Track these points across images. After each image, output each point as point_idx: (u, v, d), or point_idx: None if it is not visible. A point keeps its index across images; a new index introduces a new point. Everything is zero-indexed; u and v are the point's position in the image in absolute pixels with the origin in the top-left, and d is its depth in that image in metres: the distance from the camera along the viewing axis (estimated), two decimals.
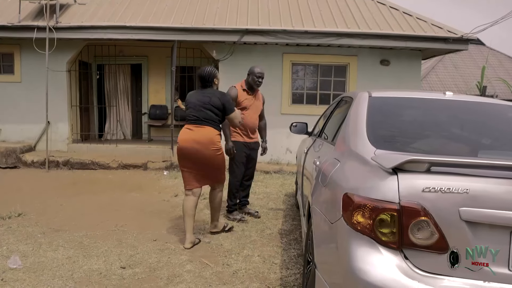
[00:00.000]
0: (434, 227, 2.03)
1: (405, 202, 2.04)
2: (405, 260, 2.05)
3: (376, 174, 2.20)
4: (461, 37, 9.50)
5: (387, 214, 2.07)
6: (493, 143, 2.99)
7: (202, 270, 4.01)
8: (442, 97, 3.45)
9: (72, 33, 9.62)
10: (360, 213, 2.14)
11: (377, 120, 3.05)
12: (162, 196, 6.96)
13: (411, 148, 2.72)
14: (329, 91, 10.40)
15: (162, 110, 12.29)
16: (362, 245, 2.13)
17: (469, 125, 3.22)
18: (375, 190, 2.13)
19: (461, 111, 3.34)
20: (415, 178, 2.08)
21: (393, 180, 2.09)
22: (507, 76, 23.11)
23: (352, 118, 3.13)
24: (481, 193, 2.01)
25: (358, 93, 3.57)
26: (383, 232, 2.09)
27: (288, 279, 3.85)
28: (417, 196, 2.04)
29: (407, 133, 3.04)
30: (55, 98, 9.85)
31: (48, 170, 9.14)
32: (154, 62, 12.31)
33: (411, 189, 2.05)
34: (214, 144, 4.61)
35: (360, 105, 3.24)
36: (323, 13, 10.19)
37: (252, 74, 5.65)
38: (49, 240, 4.72)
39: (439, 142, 2.92)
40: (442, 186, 2.03)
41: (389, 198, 2.07)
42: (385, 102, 3.45)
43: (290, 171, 9.14)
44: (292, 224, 5.53)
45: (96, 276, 3.81)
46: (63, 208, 6.11)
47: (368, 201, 2.12)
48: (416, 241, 2.05)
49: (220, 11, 10.15)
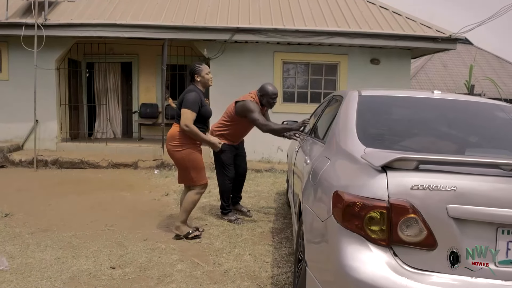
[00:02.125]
0: (423, 224, 2.05)
1: (394, 200, 2.07)
2: (394, 257, 2.08)
3: (366, 172, 2.22)
4: (449, 37, 9.63)
5: (377, 212, 2.09)
6: (480, 141, 3.04)
7: (193, 269, 3.99)
8: (430, 96, 3.51)
9: (61, 31, 9.52)
10: (350, 211, 2.16)
11: (367, 118, 3.07)
12: (153, 195, 6.92)
13: (400, 146, 2.74)
14: (320, 89, 10.43)
15: (152, 108, 12.22)
16: (352, 242, 2.15)
17: (456, 123, 3.25)
18: (365, 188, 2.15)
19: (449, 109, 3.38)
20: (404, 176, 2.10)
21: (382, 178, 2.12)
22: (494, 75, 23.35)
23: (342, 117, 3.15)
24: (468, 190, 2.05)
25: (348, 92, 3.59)
26: (373, 229, 2.11)
27: (279, 277, 3.85)
28: (405, 194, 2.06)
29: (396, 131, 3.07)
30: (44, 97, 9.75)
31: (36, 170, 9.05)
32: (145, 60, 12.24)
33: (400, 187, 2.08)
34: (173, 140, 4.69)
35: (350, 103, 3.27)
36: (313, 12, 10.21)
37: (267, 96, 5.41)
38: (37, 240, 4.67)
39: (427, 140, 2.94)
40: (430, 184, 2.06)
41: (378, 196, 2.09)
42: (374, 100, 3.48)
43: (281, 170, 9.14)
44: (283, 223, 5.52)
45: (85, 277, 3.77)
46: (51, 208, 6.05)
47: (358, 199, 2.14)
48: (405, 238, 2.07)
49: (211, 9, 10.12)
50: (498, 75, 24.38)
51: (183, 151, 4.66)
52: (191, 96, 4.65)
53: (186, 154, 4.67)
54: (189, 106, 4.59)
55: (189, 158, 4.68)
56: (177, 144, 4.66)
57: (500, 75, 24.81)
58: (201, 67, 4.88)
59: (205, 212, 5.92)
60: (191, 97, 4.64)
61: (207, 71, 4.91)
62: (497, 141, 3.05)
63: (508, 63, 26.56)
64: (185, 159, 4.68)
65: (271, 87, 5.46)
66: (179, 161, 4.74)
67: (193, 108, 4.60)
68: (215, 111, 9.68)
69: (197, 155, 4.76)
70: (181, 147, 4.66)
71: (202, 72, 4.85)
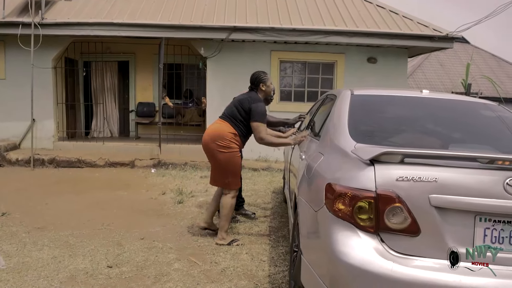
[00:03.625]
0: (407, 212, 2.24)
1: (381, 190, 2.25)
2: (381, 243, 2.27)
3: (356, 165, 2.41)
4: (446, 36, 9.67)
5: (365, 202, 2.27)
6: (463, 137, 3.25)
7: (190, 268, 3.99)
8: (419, 95, 3.75)
9: (58, 30, 9.51)
10: (341, 201, 2.35)
11: (358, 116, 3.23)
12: (150, 194, 6.92)
13: (388, 142, 2.91)
14: (317, 88, 10.44)
15: (149, 107, 12.21)
16: (343, 230, 2.33)
17: (442, 120, 3.43)
18: (355, 180, 2.34)
19: (436, 108, 3.55)
20: (390, 169, 2.29)
21: (370, 171, 2.30)
22: (491, 74, 23.37)
23: (335, 115, 3.33)
24: (448, 181, 2.23)
25: (341, 91, 3.78)
26: (362, 217, 2.29)
27: (276, 276, 3.85)
28: (391, 185, 2.25)
29: (385, 128, 3.24)
30: (41, 95, 9.72)
31: (33, 169, 9.03)
32: (142, 59, 12.23)
33: (386, 179, 2.26)
34: (221, 140, 4.53)
35: (342, 102, 3.44)
36: (310, 11, 10.22)
37: None
38: (34, 239, 4.66)
39: (414, 137, 3.13)
40: (413, 176, 2.24)
41: (366, 187, 2.28)
42: (366, 99, 3.69)
43: (278, 168, 9.13)
44: (280, 221, 5.53)
45: (82, 276, 3.77)
46: (48, 207, 6.05)
47: (348, 189, 2.33)
48: (391, 225, 2.25)
49: (208, 8, 10.11)
50: (495, 74, 24.40)
51: (228, 154, 4.56)
52: (261, 108, 4.61)
53: (230, 157, 4.57)
54: (261, 119, 4.55)
55: (231, 161, 4.59)
56: (224, 145, 4.54)
57: (497, 74, 24.83)
58: (267, 77, 4.84)
59: (202, 211, 5.91)
60: (262, 109, 4.60)
61: (270, 81, 4.89)
62: (480, 137, 3.24)
63: (505, 62, 26.58)
64: (227, 162, 4.58)
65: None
66: (220, 163, 4.62)
67: (263, 120, 4.57)
68: (212, 110, 9.78)
69: (238, 159, 4.69)
70: (228, 149, 4.55)
71: (267, 81, 4.81)
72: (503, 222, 2.24)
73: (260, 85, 4.77)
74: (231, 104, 4.82)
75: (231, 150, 4.56)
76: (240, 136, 4.63)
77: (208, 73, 10.16)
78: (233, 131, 4.58)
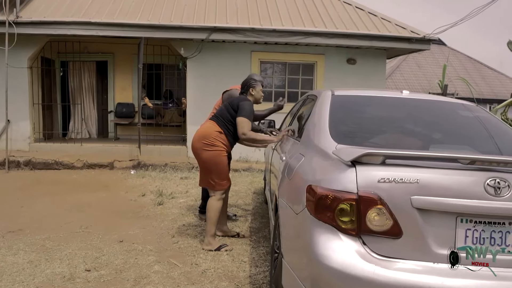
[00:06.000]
0: (389, 214, 2.22)
1: (362, 192, 2.23)
2: (363, 246, 2.24)
3: (337, 167, 2.37)
4: (423, 37, 9.88)
5: (347, 204, 2.24)
6: (443, 138, 3.25)
7: (170, 270, 3.95)
8: (399, 96, 3.72)
9: (34, 29, 9.33)
10: (322, 203, 2.31)
11: (339, 117, 3.21)
12: (129, 196, 6.84)
13: (369, 143, 2.89)
14: (297, 89, 10.49)
15: (128, 108, 12.09)
16: (324, 232, 2.30)
17: (422, 121, 3.43)
18: (336, 181, 2.31)
19: (416, 108, 3.55)
20: (372, 170, 2.27)
21: (352, 172, 2.27)
22: (467, 75, 23.84)
23: (316, 115, 3.29)
24: (430, 182, 2.23)
25: (322, 91, 3.74)
26: (343, 220, 2.26)
27: (257, 277, 3.84)
28: (373, 187, 2.23)
29: (366, 129, 3.24)
30: (16, 96, 9.51)
31: (8, 171, 8.84)
32: (121, 59, 12.10)
33: (368, 180, 2.24)
34: (206, 138, 4.47)
35: (323, 102, 3.42)
36: (291, 12, 10.26)
37: None
38: (9, 244, 4.55)
39: (395, 137, 3.10)
40: (395, 177, 2.22)
41: (348, 189, 2.25)
42: (346, 100, 3.65)
43: (259, 169, 9.14)
44: (261, 222, 5.52)
45: (59, 280, 3.69)
46: (24, 210, 5.92)
47: (329, 191, 2.29)
48: (373, 227, 2.23)
49: (188, 8, 10.06)
50: (470, 75, 24.89)
51: (212, 152, 4.47)
52: (248, 105, 4.56)
53: (213, 156, 4.48)
54: (247, 115, 4.48)
55: (215, 160, 4.49)
56: (208, 143, 4.46)
57: (472, 75, 25.34)
58: (258, 83, 4.81)
59: (182, 212, 5.87)
60: (249, 106, 4.56)
61: (261, 88, 4.86)
62: (459, 138, 3.25)
63: (480, 64, 27.15)
64: (211, 161, 4.49)
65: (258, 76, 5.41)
66: (205, 162, 4.54)
67: (250, 117, 4.51)
68: (192, 110, 9.72)
69: (223, 159, 4.56)
70: (212, 147, 4.47)
71: (257, 87, 4.79)
72: (483, 223, 2.24)
73: (250, 89, 4.77)
74: (222, 105, 4.84)
75: (215, 149, 4.48)
76: (226, 135, 4.54)
77: (188, 73, 10.11)
78: (219, 130, 4.51)
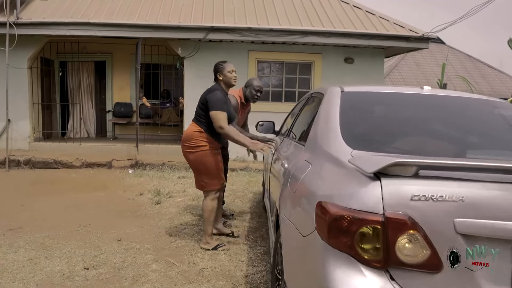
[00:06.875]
0: (425, 241, 1.73)
1: (390, 213, 1.74)
2: (391, 282, 1.74)
3: (355, 179, 1.89)
4: (422, 36, 9.84)
5: (369, 227, 1.75)
6: (481, 142, 2.72)
7: (168, 269, 3.99)
8: (420, 92, 3.17)
9: (34, 29, 9.41)
10: (337, 225, 1.81)
11: (352, 117, 2.75)
12: (127, 195, 6.89)
13: (392, 148, 2.42)
14: (294, 88, 10.55)
15: (126, 107, 12.14)
16: (340, 264, 1.81)
17: (452, 122, 2.90)
18: (355, 198, 1.82)
19: (441, 107, 3.05)
20: (402, 184, 1.77)
21: (376, 187, 1.78)
22: (466, 74, 23.80)
23: (324, 116, 2.86)
24: (479, 200, 1.73)
25: (329, 88, 3.28)
26: (365, 248, 1.78)
27: (254, 276, 3.86)
28: (404, 206, 1.74)
29: (385, 131, 2.72)
30: (16, 96, 9.61)
31: (8, 170, 8.90)
32: (119, 59, 12.15)
33: (398, 197, 1.75)
34: (188, 140, 4.42)
35: (331, 101, 2.95)
36: (288, 12, 10.29)
37: (251, 87, 5.31)
38: (9, 241, 4.61)
39: (421, 141, 2.61)
40: (433, 193, 1.73)
41: (371, 208, 1.76)
42: (359, 97, 3.15)
43: (256, 168, 9.19)
44: (258, 222, 5.56)
45: (59, 278, 3.74)
46: (24, 208, 5.98)
47: (346, 211, 1.80)
48: (404, 258, 1.74)
49: (185, 8, 10.11)
50: (470, 74, 24.84)
51: (196, 153, 4.38)
52: (215, 96, 4.36)
53: (199, 157, 4.38)
54: (217, 106, 4.28)
55: (201, 161, 4.39)
56: (191, 145, 4.39)
57: (472, 74, 25.27)
58: (224, 65, 4.58)
59: (179, 212, 5.92)
60: (216, 97, 4.35)
61: (230, 69, 4.57)
62: (500, 142, 2.70)
63: (480, 63, 27.07)
64: (197, 162, 4.40)
65: (257, 81, 5.39)
66: (192, 164, 4.49)
67: (222, 107, 4.30)
68: (189, 110, 9.74)
69: (211, 158, 4.41)
70: (195, 148, 4.38)
71: (224, 70, 4.54)
72: None
73: (217, 74, 4.57)
74: None
75: (200, 149, 4.38)
76: (207, 133, 4.40)
77: (186, 73, 10.15)
78: (199, 129, 4.42)
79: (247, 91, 5.37)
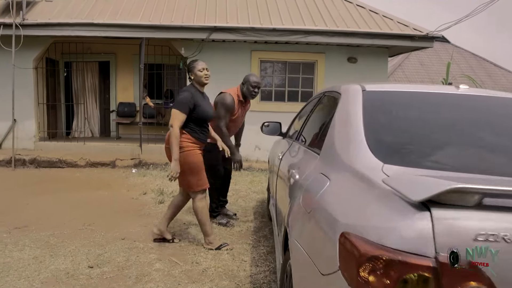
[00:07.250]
0: None
1: (445, 257, 1.29)
2: None
3: (393, 206, 1.46)
4: (426, 35, 9.75)
5: (415, 275, 1.31)
6: None
7: (171, 268, 4.00)
8: (456, 92, 2.66)
9: (39, 30, 9.48)
10: (370, 268, 1.37)
11: (378, 122, 2.30)
12: (131, 194, 6.94)
13: (432, 163, 1.94)
14: (297, 88, 10.55)
15: (130, 107, 12.20)
16: None
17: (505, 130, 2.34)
18: (395, 234, 1.37)
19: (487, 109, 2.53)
20: (461, 218, 1.34)
21: (424, 220, 1.34)
22: (472, 73, 23.63)
23: (342, 119, 2.42)
24: None
25: (347, 87, 2.81)
26: None
27: (257, 276, 3.87)
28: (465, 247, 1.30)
29: (420, 140, 2.20)
30: (22, 96, 9.66)
31: (14, 169, 8.98)
32: (122, 59, 12.21)
33: (455, 236, 1.31)
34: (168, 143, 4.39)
35: (351, 102, 2.49)
36: (291, 11, 10.29)
37: (248, 83, 5.25)
38: (15, 240, 4.67)
39: (469, 154, 2.08)
40: (506, 232, 1.29)
41: (419, 250, 1.31)
42: (384, 97, 2.64)
43: (259, 168, 9.22)
44: (261, 221, 5.58)
45: (63, 276, 3.78)
46: (29, 207, 6.04)
47: (384, 251, 1.35)
48: None
49: (189, 9, 10.13)
50: (475, 73, 24.67)
51: (180, 154, 4.28)
52: (181, 96, 4.36)
53: (183, 157, 4.29)
54: (177, 106, 4.29)
55: (185, 161, 4.30)
56: None
57: (478, 73, 25.11)
58: (194, 64, 4.54)
59: (182, 211, 5.93)
60: (181, 97, 4.35)
61: (201, 67, 4.50)
62: None
63: (486, 61, 26.89)
64: (181, 162, 4.28)
65: (254, 76, 5.33)
66: None
67: (181, 108, 4.26)
68: None
69: (194, 158, 4.38)
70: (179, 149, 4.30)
71: (194, 69, 4.49)
72: None
73: (189, 74, 4.54)
74: None
75: (183, 150, 4.31)
76: (190, 133, 4.37)
77: None
78: (181, 130, 4.34)
79: (244, 88, 5.30)
